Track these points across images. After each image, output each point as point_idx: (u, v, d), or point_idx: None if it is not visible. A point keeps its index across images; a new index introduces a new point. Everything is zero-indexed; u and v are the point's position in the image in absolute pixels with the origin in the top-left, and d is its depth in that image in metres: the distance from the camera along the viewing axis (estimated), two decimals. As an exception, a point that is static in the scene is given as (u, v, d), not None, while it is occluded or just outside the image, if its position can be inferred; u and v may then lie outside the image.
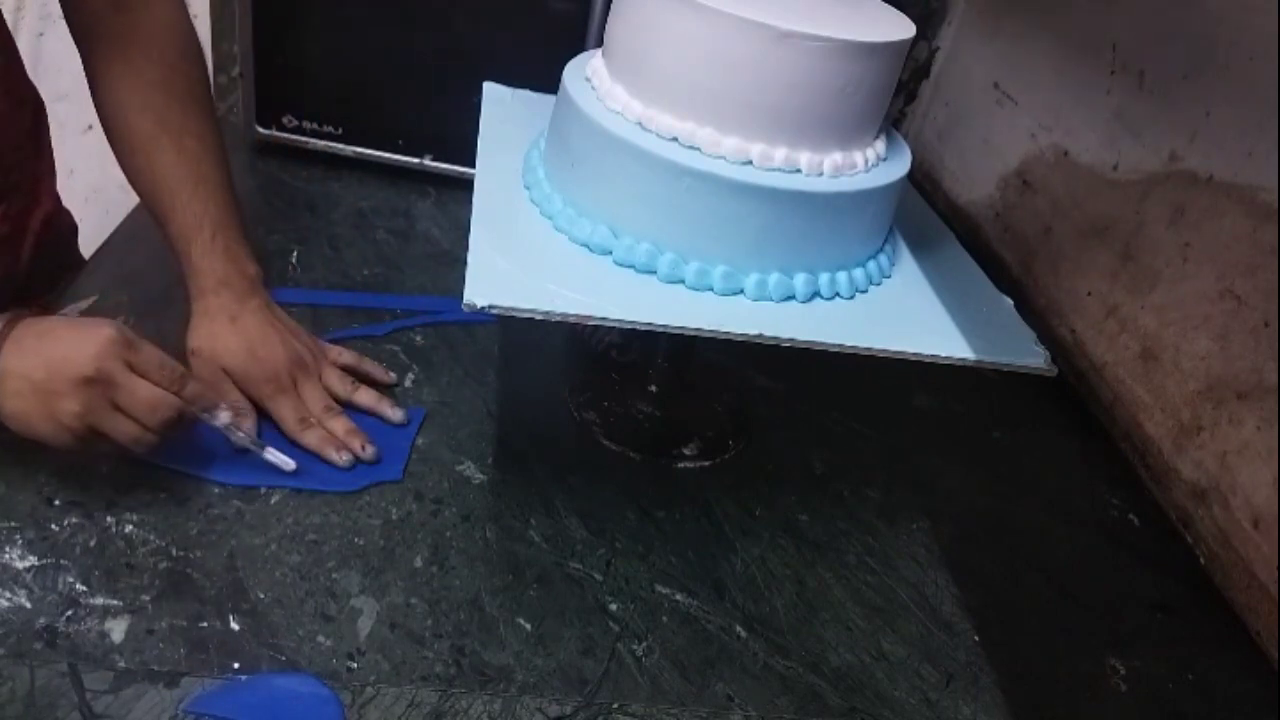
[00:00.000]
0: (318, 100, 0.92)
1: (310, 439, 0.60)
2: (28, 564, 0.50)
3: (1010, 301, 0.61)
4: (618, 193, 0.56)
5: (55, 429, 0.49)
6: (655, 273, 0.55)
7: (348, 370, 0.66)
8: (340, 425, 0.61)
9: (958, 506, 0.69)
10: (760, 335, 0.52)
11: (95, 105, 0.63)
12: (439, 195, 0.95)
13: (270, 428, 0.61)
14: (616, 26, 0.58)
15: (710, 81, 0.53)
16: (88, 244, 0.79)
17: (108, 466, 0.56)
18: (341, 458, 0.59)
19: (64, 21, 0.63)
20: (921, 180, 1.17)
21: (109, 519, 0.53)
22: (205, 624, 0.49)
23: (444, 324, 0.75)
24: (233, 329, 0.62)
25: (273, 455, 0.57)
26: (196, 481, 0.57)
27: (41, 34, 1.25)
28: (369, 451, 0.60)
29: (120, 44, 0.62)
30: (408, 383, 0.69)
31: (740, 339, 0.52)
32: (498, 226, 0.57)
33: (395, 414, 0.64)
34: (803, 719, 0.51)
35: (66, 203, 0.77)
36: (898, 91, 0.93)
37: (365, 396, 0.64)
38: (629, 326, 0.51)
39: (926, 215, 0.71)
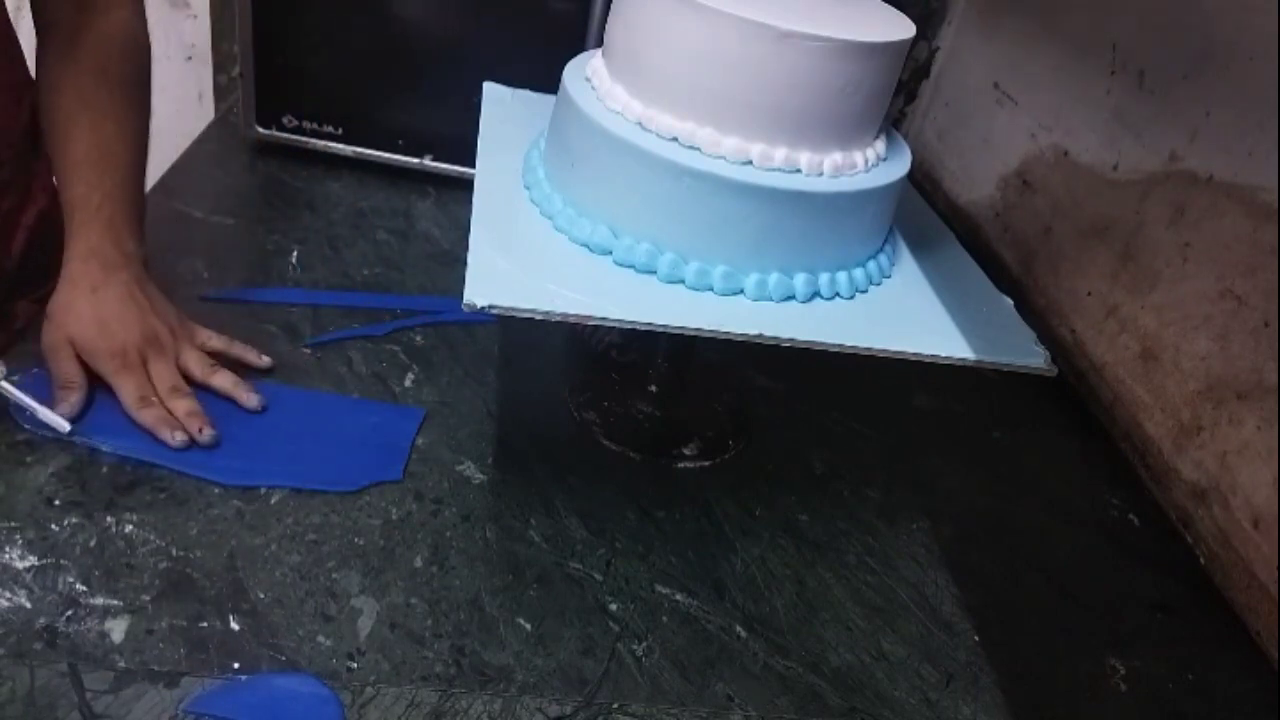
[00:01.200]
0: (318, 100, 0.92)
1: (146, 417, 0.58)
2: (28, 564, 0.50)
3: (1010, 301, 0.61)
4: (618, 193, 0.56)
5: None
6: (655, 273, 0.55)
7: (216, 355, 0.64)
8: (182, 405, 0.59)
9: (958, 506, 0.69)
10: (760, 335, 0.52)
11: (38, 93, 0.65)
12: (439, 195, 0.95)
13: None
14: (616, 26, 0.58)
15: (710, 81, 0.53)
16: (88, 244, 0.79)
17: (108, 467, 0.56)
18: (175, 438, 0.58)
19: None
20: (921, 180, 1.17)
21: (109, 519, 0.53)
22: (205, 624, 0.49)
23: (444, 324, 0.75)
24: (90, 299, 0.60)
25: (46, 414, 0.57)
26: (196, 481, 0.57)
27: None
28: (206, 435, 0.58)
29: (71, 38, 0.64)
30: (408, 382, 0.69)
31: (740, 339, 0.52)
32: (498, 226, 0.57)
33: (250, 399, 0.62)
34: (803, 719, 0.51)
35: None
36: (898, 91, 0.93)
37: (222, 379, 0.62)
38: (629, 326, 0.51)
39: (926, 215, 0.71)
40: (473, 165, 0.62)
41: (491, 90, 0.74)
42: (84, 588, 0.49)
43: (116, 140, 0.64)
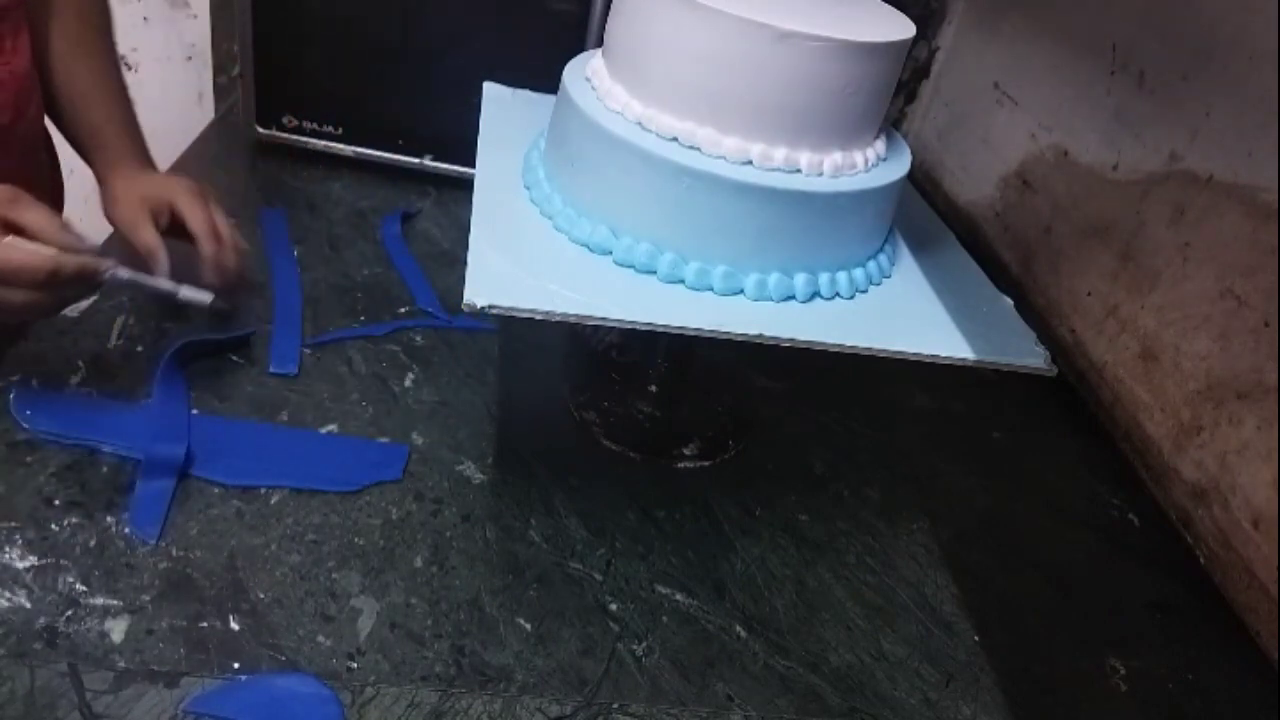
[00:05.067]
0: (318, 100, 0.92)
1: (210, 247, 0.64)
2: (28, 564, 0.50)
3: (1010, 301, 0.61)
4: (618, 193, 0.56)
5: None
6: (655, 273, 0.55)
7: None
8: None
9: (958, 506, 0.69)
10: (760, 335, 0.52)
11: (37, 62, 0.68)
12: (439, 195, 0.95)
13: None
14: (616, 26, 0.58)
15: (710, 81, 0.53)
16: (87, 244, 0.79)
17: (108, 467, 0.56)
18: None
19: None
20: (921, 180, 1.17)
21: (109, 519, 0.53)
22: (205, 624, 0.49)
23: (444, 324, 0.75)
24: (145, 172, 0.68)
25: (189, 292, 0.61)
26: (196, 481, 0.57)
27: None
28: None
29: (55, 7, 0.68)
30: (408, 382, 0.69)
31: (740, 339, 0.52)
32: (498, 226, 0.57)
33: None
34: (803, 719, 0.51)
35: (67, 202, 0.77)
36: (898, 91, 0.93)
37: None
38: (629, 326, 0.51)
39: (926, 215, 0.71)
40: (473, 165, 0.62)
41: (491, 90, 0.74)
42: (84, 588, 0.49)
43: (112, 73, 0.70)
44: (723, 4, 0.51)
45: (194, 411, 0.62)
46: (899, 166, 0.59)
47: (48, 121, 0.70)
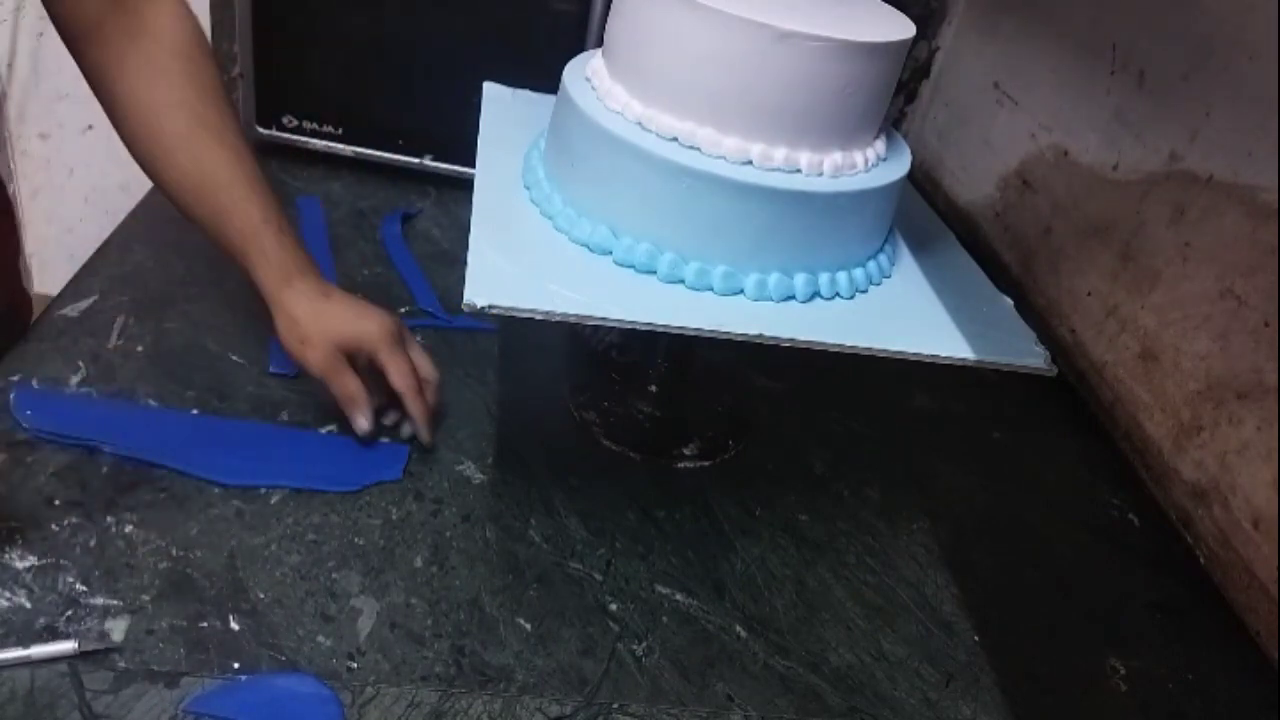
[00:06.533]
0: (318, 100, 0.92)
1: (417, 406, 0.61)
2: (28, 564, 0.50)
3: (1010, 301, 0.61)
4: (618, 193, 0.56)
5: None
6: (655, 273, 0.55)
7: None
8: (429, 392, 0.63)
9: (958, 506, 0.69)
10: (760, 335, 0.52)
11: (110, 105, 0.60)
12: (439, 195, 0.95)
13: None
14: (616, 26, 0.58)
15: (710, 81, 0.53)
16: (87, 244, 0.79)
17: (108, 467, 0.56)
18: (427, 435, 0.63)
19: None
20: (921, 180, 1.17)
21: (109, 519, 0.53)
22: (205, 624, 0.49)
23: (444, 324, 0.75)
24: (330, 303, 0.60)
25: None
26: (196, 481, 0.57)
27: (41, 34, 1.25)
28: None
29: (131, 42, 0.58)
30: (408, 383, 0.68)
31: (740, 339, 0.52)
32: (498, 226, 0.57)
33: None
34: (803, 719, 0.51)
35: (67, 202, 0.76)
36: (898, 91, 0.93)
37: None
38: (629, 326, 0.51)
39: (926, 215, 0.71)
40: (473, 165, 0.62)
41: (491, 90, 0.74)
42: (84, 588, 0.49)
43: (246, 155, 0.61)
44: (723, 4, 0.51)
45: (194, 411, 0.62)
46: (899, 166, 0.59)
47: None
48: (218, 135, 0.60)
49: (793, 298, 0.56)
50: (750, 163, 0.53)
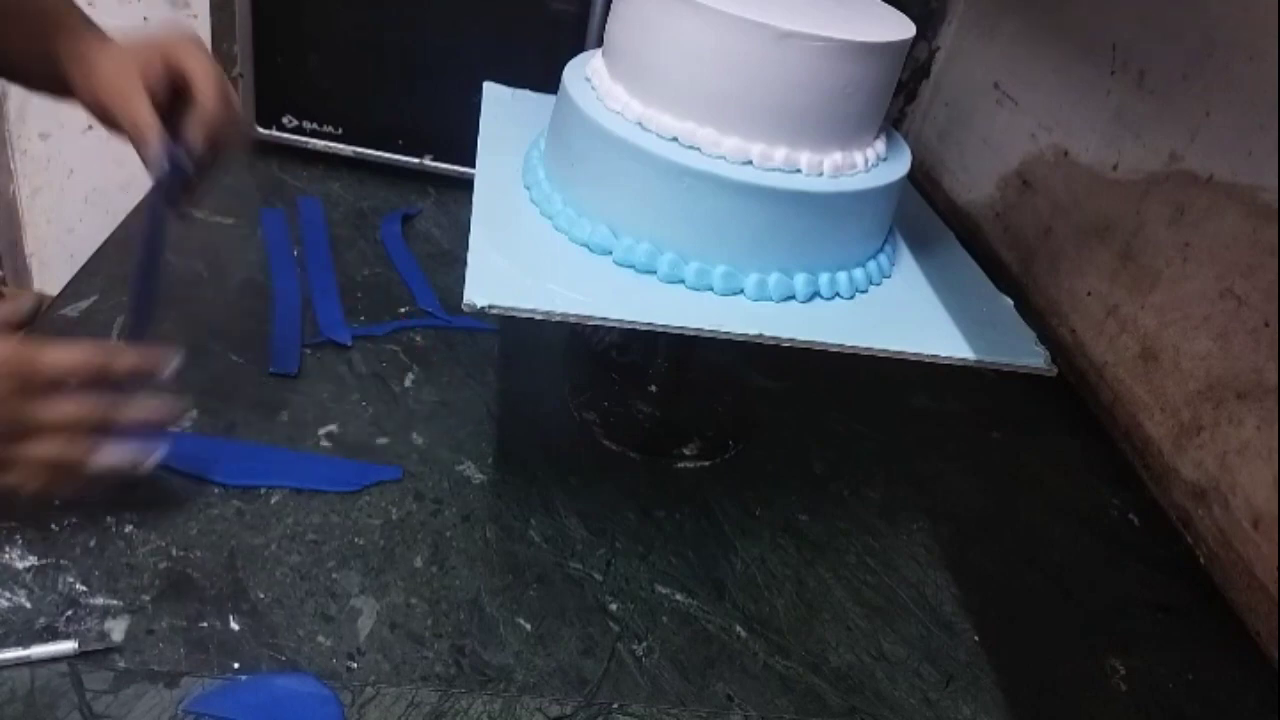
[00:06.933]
0: (318, 100, 0.92)
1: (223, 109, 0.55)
2: (28, 564, 0.50)
3: (1010, 301, 0.61)
4: (618, 193, 0.56)
5: None
6: (655, 273, 0.55)
7: None
8: None
9: (958, 506, 0.69)
10: (760, 335, 0.52)
11: None
12: (439, 195, 0.95)
13: None
14: (616, 26, 0.58)
15: (710, 81, 0.53)
16: (87, 244, 0.79)
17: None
18: None
19: None
20: (921, 180, 1.17)
21: (109, 519, 0.53)
22: (205, 624, 0.49)
23: (444, 324, 0.75)
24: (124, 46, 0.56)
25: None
26: (196, 481, 0.57)
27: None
28: None
29: None
30: (408, 382, 0.69)
31: (740, 339, 0.52)
32: (498, 226, 0.57)
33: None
34: (803, 719, 0.51)
35: (67, 202, 0.77)
36: (898, 91, 0.93)
37: None
38: (629, 326, 0.51)
39: (926, 215, 0.71)
40: (473, 165, 0.62)
41: (491, 90, 0.74)
42: (84, 588, 0.49)
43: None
44: (723, 4, 0.51)
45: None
46: (899, 166, 0.59)
47: None
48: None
49: (793, 298, 0.56)
50: (750, 163, 0.53)
